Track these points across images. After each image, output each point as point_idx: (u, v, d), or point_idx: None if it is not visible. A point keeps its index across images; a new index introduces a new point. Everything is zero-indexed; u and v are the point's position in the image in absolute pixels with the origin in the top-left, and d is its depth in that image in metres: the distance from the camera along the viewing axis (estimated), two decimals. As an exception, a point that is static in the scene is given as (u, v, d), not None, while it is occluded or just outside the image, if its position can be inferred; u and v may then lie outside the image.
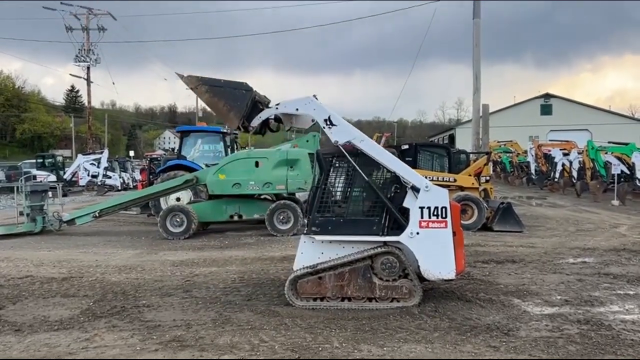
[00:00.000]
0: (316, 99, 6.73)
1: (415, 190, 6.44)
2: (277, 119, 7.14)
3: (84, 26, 39.85)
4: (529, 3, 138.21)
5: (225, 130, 17.34)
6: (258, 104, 6.97)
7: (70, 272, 8.95)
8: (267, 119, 7.09)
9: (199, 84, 6.88)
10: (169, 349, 5.22)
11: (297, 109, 6.72)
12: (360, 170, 6.56)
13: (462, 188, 13.99)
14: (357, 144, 6.54)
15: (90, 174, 31.34)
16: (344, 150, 6.55)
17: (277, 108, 6.82)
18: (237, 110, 6.81)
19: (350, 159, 6.55)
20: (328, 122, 6.57)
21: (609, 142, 25.66)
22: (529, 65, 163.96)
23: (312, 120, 6.89)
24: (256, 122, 6.88)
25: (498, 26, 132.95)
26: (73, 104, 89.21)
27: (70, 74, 57.05)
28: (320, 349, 5.18)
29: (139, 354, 5.10)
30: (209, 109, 7.04)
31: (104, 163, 31.54)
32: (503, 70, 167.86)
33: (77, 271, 8.99)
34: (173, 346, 5.28)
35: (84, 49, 39.93)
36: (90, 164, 31.66)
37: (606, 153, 23.07)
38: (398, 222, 6.52)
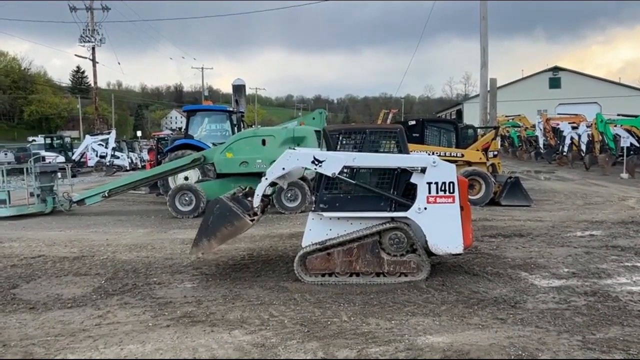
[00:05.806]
0: (293, 149, 6.90)
1: (424, 171, 6.46)
2: (273, 184, 7.25)
3: (87, 6, 39.56)
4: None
5: (231, 109, 17.31)
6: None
7: (81, 251, 9.07)
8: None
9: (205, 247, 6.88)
10: (181, 324, 5.31)
11: (283, 169, 6.72)
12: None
13: (469, 163, 13.96)
14: (351, 164, 6.58)
15: (98, 155, 31.43)
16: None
17: (266, 179, 6.84)
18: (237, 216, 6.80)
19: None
20: (316, 162, 6.56)
21: (619, 115, 25.43)
22: (540, 39, 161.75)
23: (303, 168, 6.96)
24: (257, 201, 6.92)
25: (508, 1, 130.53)
26: (79, 85, 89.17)
27: (76, 55, 56.79)
28: (329, 322, 5.26)
29: (151, 329, 5.20)
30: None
31: (112, 143, 31.61)
32: (512, 46, 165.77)
33: (89, 250, 9.12)
34: (184, 322, 5.38)
35: (89, 29, 39.68)
36: (98, 144, 31.74)
37: (615, 126, 22.88)
38: (405, 197, 6.56)
